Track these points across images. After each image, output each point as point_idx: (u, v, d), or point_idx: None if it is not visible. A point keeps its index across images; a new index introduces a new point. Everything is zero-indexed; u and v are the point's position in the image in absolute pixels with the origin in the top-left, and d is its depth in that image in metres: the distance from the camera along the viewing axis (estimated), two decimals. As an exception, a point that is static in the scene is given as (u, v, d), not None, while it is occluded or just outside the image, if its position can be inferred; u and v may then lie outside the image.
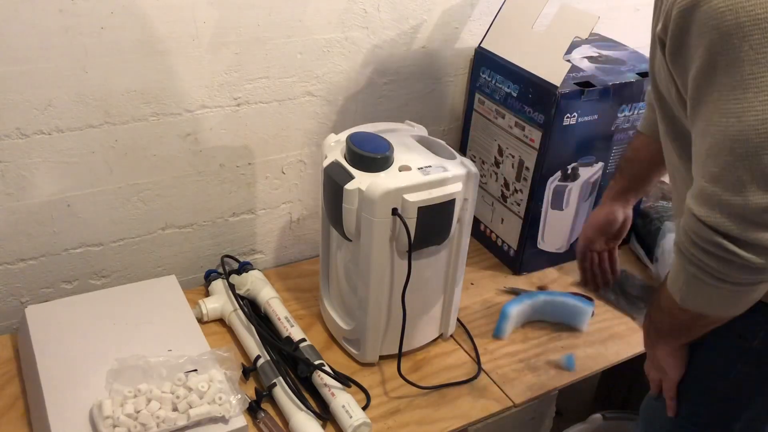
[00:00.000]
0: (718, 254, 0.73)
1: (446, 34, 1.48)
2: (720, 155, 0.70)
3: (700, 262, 0.75)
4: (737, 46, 0.65)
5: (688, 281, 0.79)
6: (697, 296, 0.79)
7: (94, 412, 1.02)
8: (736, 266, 0.73)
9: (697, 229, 0.74)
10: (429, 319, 1.29)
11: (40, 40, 1.08)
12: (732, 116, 0.68)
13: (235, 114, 1.31)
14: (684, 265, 0.78)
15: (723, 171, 0.70)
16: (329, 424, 1.12)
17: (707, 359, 0.90)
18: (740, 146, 0.68)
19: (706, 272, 0.76)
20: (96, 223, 1.28)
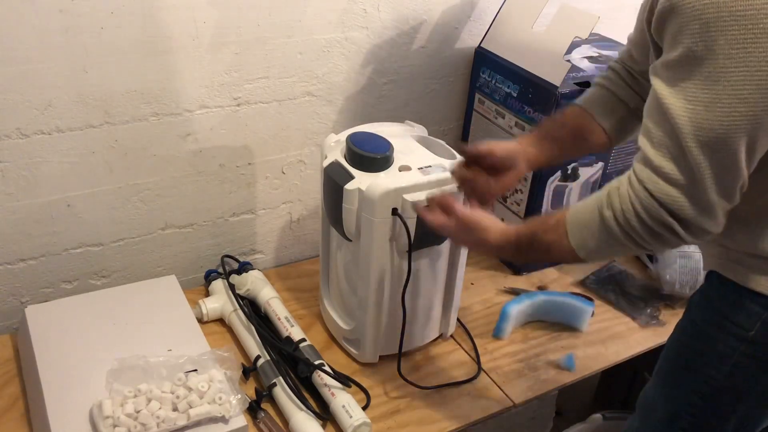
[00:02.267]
0: (660, 232, 0.77)
1: (446, 34, 1.48)
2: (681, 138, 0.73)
3: (635, 234, 0.79)
4: (714, 38, 0.69)
5: (605, 242, 0.82)
6: (602, 253, 0.84)
7: (94, 412, 1.02)
8: (670, 243, 0.79)
9: (648, 204, 0.77)
10: (429, 319, 1.29)
11: (40, 40, 1.08)
12: (700, 104, 0.71)
13: (235, 114, 1.31)
14: (611, 230, 0.80)
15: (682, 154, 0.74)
16: (329, 424, 1.12)
17: (706, 348, 0.90)
18: (703, 134, 0.72)
19: (634, 241, 0.79)
20: (96, 223, 1.28)
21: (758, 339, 0.85)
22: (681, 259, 1.44)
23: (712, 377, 0.90)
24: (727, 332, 0.87)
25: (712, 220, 0.77)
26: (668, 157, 0.75)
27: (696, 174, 0.74)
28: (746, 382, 0.89)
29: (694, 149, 0.73)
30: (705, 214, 0.76)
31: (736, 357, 0.87)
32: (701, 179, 0.74)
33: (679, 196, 0.75)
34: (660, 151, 0.76)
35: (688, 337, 0.94)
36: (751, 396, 0.90)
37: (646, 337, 1.36)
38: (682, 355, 0.95)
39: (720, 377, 0.89)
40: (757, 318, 0.84)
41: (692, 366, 0.93)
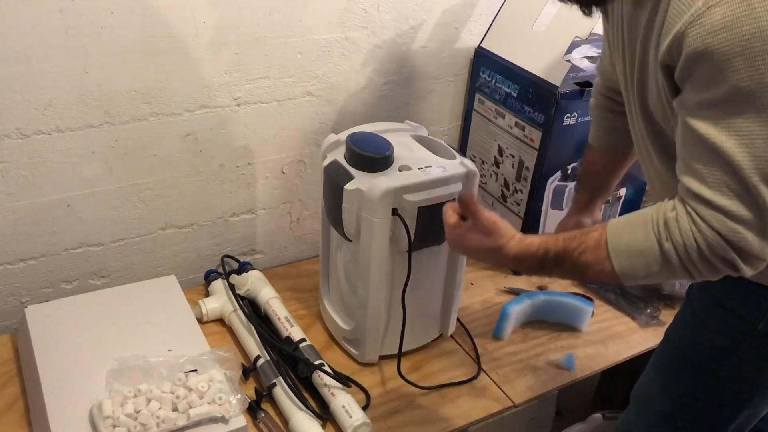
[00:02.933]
0: (719, 267, 0.76)
1: (446, 34, 1.48)
2: (743, 175, 0.71)
3: (693, 267, 0.77)
4: (762, 71, 0.67)
5: (657, 271, 0.79)
6: (648, 280, 0.81)
7: (94, 412, 1.02)
8: (722, 273, 0.76)
9: (714, 242, 0.75)
10: (429, 319, 1.29)
11: (40, 40, 1.08)
12: (758, 138, 0.70)
13: (235, 114, 1.31)
14: (669, 261, 0.78)
15: (746, 191, 0.72)
16: (329, 424, 1.12)
17: (710, 343, 0.90)
18: (766, 168, 0.70)
19: (689, 273, 0.78)
20: (96, 223, 1.28)
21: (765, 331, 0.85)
22: (681, 259, 1.44)
23: (716, 372, 0.90)
24: (734, 328, 0.87)
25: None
26: (730, 195, 0.73)
27: (763, 209, 0.72)
28: (752, 376, 0.89)
29: (759, 184, 0.71)
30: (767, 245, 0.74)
31: (742, 350, 0.87)
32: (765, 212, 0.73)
33: (747, 232, 0.73)
34: (720, 190, 0.74)
35: (691, 331, 0.94)
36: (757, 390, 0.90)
37: (646, 337, 1.36)
38: (684, 350, 0.95)
39: (724, 371, 0.89)
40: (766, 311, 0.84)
41: (695, 361, 0.92)
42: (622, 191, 1.54)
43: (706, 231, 0.75)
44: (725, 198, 0.73)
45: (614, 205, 1.55)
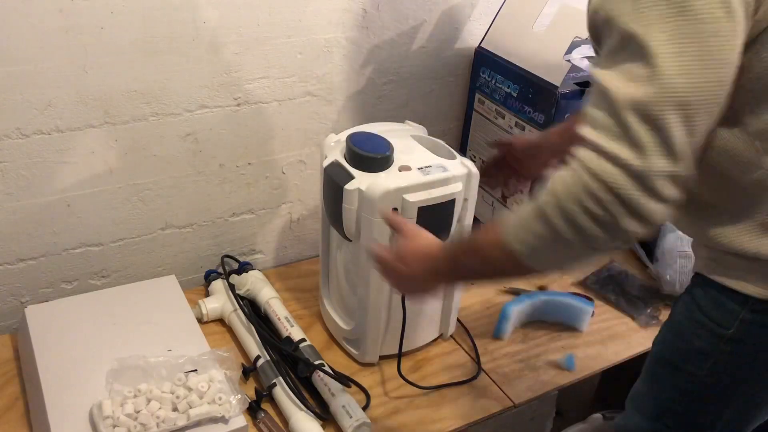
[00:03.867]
0: (599, 216, 0.70)
1: (446, 34, 1.48)
2: (622, 114, 0.69)
3: (575, 225, 0.71)
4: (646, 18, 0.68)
5: (546, 238, 0.74)
6: (546, 254, 0.76)
7: (94, 412, 1.02)
8: (611, 231, 0.70)
9: (589, 183, 0.70)
10: (429, 319, 1.29)
11: (40, 40, 1.08)
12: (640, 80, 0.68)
13: (235, 114, 1.31)
14: (551, 221, 0.73)
15: (624, 131, 0.69)
16: (329, 424, 1.12)
17: (688, 346, 0.90)
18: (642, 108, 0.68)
19: (579, 234, 0.72)
20: (96, 223, 1.28)
21: (737, 337, 0.85)
22: (681, 259, 1.44)
23: (695, 375, 0.90)
24: (707, 330, 0.87)
25: (655, 202, 0.70)
26: (610, 136, 0.70)
27: (639, 149, 0.68)
28: (728, 381, 0.89)
29: (634, 124, 0.68)
30: (647, 193, 0.69)
31: (716, 355, 0.87)
32: (644, 155, 0.68)
33: (624, 176, 0.69)
34: (601, 132, 0.70)
35: (672, 335, 0.94)
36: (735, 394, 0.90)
37: (646, 337, 1.36)
38: (666, 353, 0.95)
39: (702, 375, 0.89)
40: (736, 316, 0.84)
41: (676, 364, 0.93)
42: None
43: (583, 173, 0.70)
44: (605, 138, 0.70)
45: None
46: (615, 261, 1.57)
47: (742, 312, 0.83)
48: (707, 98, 0.69)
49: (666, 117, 0.67)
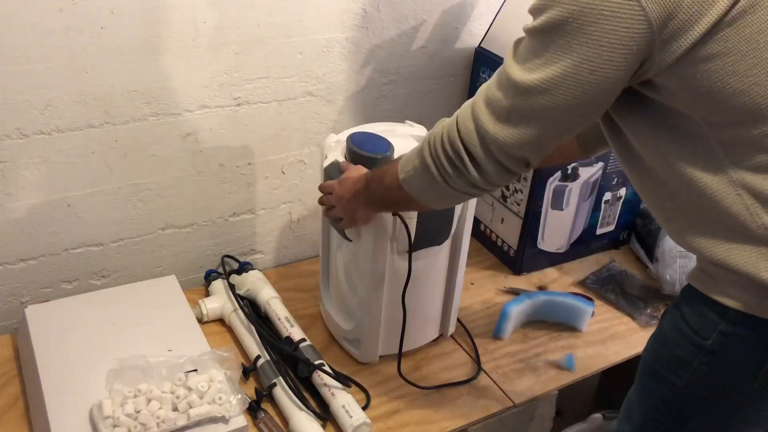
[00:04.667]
0: (454, 161, 0.85)
1: (446, 34, 1.48)
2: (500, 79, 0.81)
3: (437, 159, 0.86)
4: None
5: (418, 169, 0.89)
6: (418, 183, 0.91)
7: (94, 412, 1.02)
8: (463, 177, 0.85)
9: (450, 133, 0.85)
10: (429, 319, 1.29)
11: (40, 40, 1.08)
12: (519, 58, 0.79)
13: (235, 114, 1.31)
14: (423, 154, 0.88)
15: (495, 101, 0.80)
16: (329, 424, 1.12)
17: (670, 355, 0.90)
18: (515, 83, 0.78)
19: (438, 169, 0.87)
20: (96, 223, 1.28)
21: (715, 349, 0.84)
22: (681, 259, 1.44)
23: (675, 384, 0.89)
24: (688, 340, 0.86)
25: (491, 162, 0.82)
26: (486, 101, 0.82)
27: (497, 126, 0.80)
28: (705, 392, 0.88)
29: (503, 103, 0.79)
30: (485, 153, 0.82)
31: (695, 365, 0.86)
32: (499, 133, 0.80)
33: (475, 133, 0.82)
34: (484, 95, 0.82)
35: (658, 343, 0.94)
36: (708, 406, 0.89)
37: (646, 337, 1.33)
38: (650, 362, 0.95)
39: (681, 385, 0.88)
40: (715, 327, 0.83)
41: (659, 372, 0.92)
42: (623, 191, 1.54)
43: (452, 120, 0.85)
44: (483, 102, 0.82)
45: (614, 204, 1.55)
46: (615, 261, 1.57)
47: (722, 323, 0.83)
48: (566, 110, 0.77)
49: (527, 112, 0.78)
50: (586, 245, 1.58)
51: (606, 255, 1.61)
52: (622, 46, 0.71)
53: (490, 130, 0.81)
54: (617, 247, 1.64)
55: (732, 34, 0.70)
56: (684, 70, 0.73)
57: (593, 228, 1.56)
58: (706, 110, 0.75)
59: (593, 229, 1.57)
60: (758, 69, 0.71)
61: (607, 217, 1.56)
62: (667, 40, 0.71)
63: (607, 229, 1.59)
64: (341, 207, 1.09)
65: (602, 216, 1.55)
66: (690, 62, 0.72)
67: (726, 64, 0.71)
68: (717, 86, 0.72)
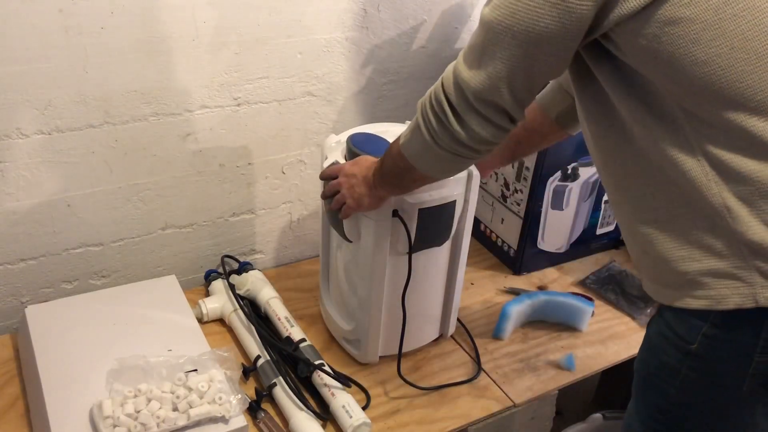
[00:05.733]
0: (440, 116, 0.86)
1: (446, 34, 1.48)
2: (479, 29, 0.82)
3: (426, 117, 0.88)
4: None
5: (413, 129, 0.91)
6: (413, 145, 0.92)
7: (94, 412, 1.02)
8: (448, 133, 0.85)
9: (436, 89, 0.87)
10: (429, 319, 1.29)
11: (40, 40, 1.08)
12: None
13: (235, 114, 1.31)
14: (416, 115, 0.90)
15: (469, 48, 0.83)
16: (329, 424, 1.12)
17: (659, 363, 0.89)
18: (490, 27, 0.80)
19: (427, 128, 0.88)
20: (96, 223, 1.28)
21: (700, 353, 0.83)
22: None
23: (668, 393, 0.89)
24: (674, 346, 0.86)
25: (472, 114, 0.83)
26: (464, 50, 0.85)
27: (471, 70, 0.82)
28: (695, 398, 0.87)
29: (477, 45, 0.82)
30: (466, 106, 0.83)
31: (683, 372, 0.86)
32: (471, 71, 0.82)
33: (455, 84, 0.83)
34: (465, 52, 0.85)
35: (645, 351, 0.93)
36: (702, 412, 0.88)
37: (646, 337, 1.36)
38: (642, 371, 0.94)
39: (673, 392, 0.88)
40: (699, 330, 0.83)
41: (651, 381, 0.92)
42: None
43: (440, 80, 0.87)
44: (462, 53, 0.85)
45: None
46: (615, 261, 1.57)
47: (705, 326, 0.82)
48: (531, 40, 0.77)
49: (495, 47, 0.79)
50: (586, 245, 1.58)
51: (606, 255, 1.62)
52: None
53: (465, 77, 0.82)
54: (617, 247, 1.64)
55: (699, 1, 0.70)
56: (647, 29, 0.73)
57: (593, 228, 1.56)
58: (666, 78, 0.75)
59: (593, 229, 1.57)
60: (721, 41, 0.71)
61: (607, 217, 1.56)
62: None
63: (607, 229, 1.59)
64: (349, 187, 1.06)
65: (602, 216, 1.55)
66: (655, 22, 0.72)
67: (690, 31, 0.71)
68: (679, 52, 0.72)
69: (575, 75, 0.89)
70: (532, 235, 1.48)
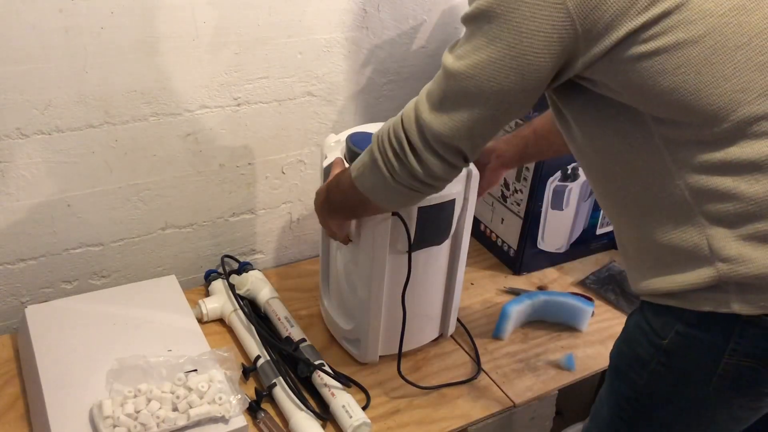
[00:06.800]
0: (398, 152, 0.86)
1: (446, 34, 1.48)
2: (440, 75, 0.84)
3: (384, 152, 0.88)
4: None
5: (367, 164, 0.92)
6: (368, 179, 0.92)
7: (94, 412, 1.02)
8: (406, 170, 0.86)
9: (395, 125, 0.87)
10: (429, 319, 1.29)
11: (40, 40, 1.08)
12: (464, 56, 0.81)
13: (235, 114, 1.31)
14: (372, 150, 0.90)
15: (432, 90, 0.84)
16: (329, 424, 1.12)
17: (631, 353, 0.90)
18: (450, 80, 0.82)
19: (384, 162, 0.88)
20: (96, 223, 1.28)
21: (671, 349, 0.84)
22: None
23: (635, 383, 0.89)
24: (647, 338, 0.87)
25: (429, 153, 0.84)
26: (426, 90, 0.86)
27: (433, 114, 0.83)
28: (663, 392, 0.88)
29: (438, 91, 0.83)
30: (424, 144, 0.84)
31: (653, 365, 0.86)
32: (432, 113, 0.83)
33: (415, 123, 0.84)
34: (427, 86, 0.86)
35: (621, 341, 0.94)
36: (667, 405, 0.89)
37: (646, 337, 1.36)
38: (615, 360, 0.95)
39: (640, 384, 0.89)
40: (672, 327, 0.84)
41: (622, 371, 0.93)
42: None
43: (399, 116, 0.88)
44: (424, 92, 0.86)
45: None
46: (615, 261, 1.57)
47: (678, 324, 0.83)
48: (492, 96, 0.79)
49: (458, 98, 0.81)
50: (586, 245, 1.58)
51: (606, 255, 1.62)
52: (543, 33, 0.73)
53: (426, 118, 0.83)
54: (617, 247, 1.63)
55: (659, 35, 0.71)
56: (615, 67, 0.74)
57: (593, 228, 1.56)
58: (644, 104, 0.77)
59: (593, 229, 1.57)
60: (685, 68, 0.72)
61: (606, 217, 1.56)
62: (591, 33, 0.72)
63: (607, 229, 1.59)
64: (318, 212, 1.11)
65: (602, 216, 1.55)
66: (620, 61, 0.73)
67: (654, 64, 0.72)
68: (648, 84, 0.74)
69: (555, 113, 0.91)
70: (532, 235, 1.48)
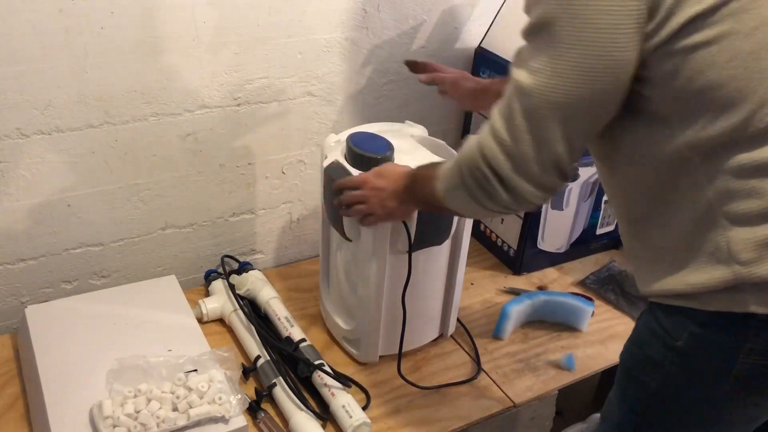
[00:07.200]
0: (485, 187, 0.84)
1: (446, 34, 1.48)
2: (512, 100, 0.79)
3: (469, 187, 0.86)
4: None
5: (455, 189, 0.90)
6: (457, 202, 0.92)
7: (94, 412, 1.02)
8: (494, 200, 0.84)
9: (474, 160, 0.84)
10: (429, 319, 1.29)
11: (40, 40, 1.08)
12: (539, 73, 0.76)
13: (235, 114, 1.31)
14: (457, 177, 0.88)
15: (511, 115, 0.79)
16: (329, 424, 1.12)
17: (642, 355, 0.90)
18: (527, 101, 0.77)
19: (470, 194, 0.87)
20: (96, 223, 1.28)
21: (685, 349, 0.83)
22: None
23: (648, 385, 0.89)
24: (660, 340, 0.86)
25: (524, 181, 0.81)
26: (501, 116, 0.81)
27: (518, 137, 0.79)
28: (676, 394, 0.88)
29: (518, 112, 0.78)
30: (518, 173, 0.81)
31: (667, 366, 0.86)
32: (521, 142, 0.79)
33: (499, 152, 0.80)
34: (499, 111, 0.81)
35: (632, 343, 0.94)
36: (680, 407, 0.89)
37: (646, 337, 1.36)
38: (626, 362, 0.94)
39: (653, 386, 0.88)
40: (685, 328, 0.83)
41: (633, 373, 0.92)
42: None
43: (477, 146, 0.84)
44: (499, 118, 0.81)
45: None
46: (615, 261, 1.57)
47: (692, 325, 0.82)
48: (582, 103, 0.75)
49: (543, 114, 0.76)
50: (586, 245, 1.58)
51: (606, 255, 1.62)
52: (622, 26, 0.71)
53: (509, 145, 0.79)
54: (617, 247, 1.64)
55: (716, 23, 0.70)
56: (668, 59, 0.73)
57: (593, 228, 1.57)
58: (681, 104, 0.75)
59: (593, 229, 1.57)
60: (735, 62, 0.71)
61: (607, 217, 1.56)
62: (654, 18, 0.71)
63: (607, 229, 1.59)
64: (379, 201, 1.05)
65: (602, 216, 1.55)
66: (674, 52, 0.72)
67: (707, 55, 0.71)
68: (697, 78, 0.72)
69: None
70: (532, 235, 1.48)
